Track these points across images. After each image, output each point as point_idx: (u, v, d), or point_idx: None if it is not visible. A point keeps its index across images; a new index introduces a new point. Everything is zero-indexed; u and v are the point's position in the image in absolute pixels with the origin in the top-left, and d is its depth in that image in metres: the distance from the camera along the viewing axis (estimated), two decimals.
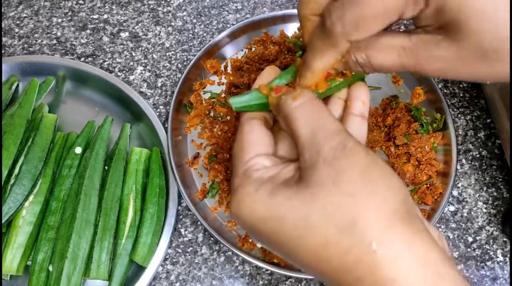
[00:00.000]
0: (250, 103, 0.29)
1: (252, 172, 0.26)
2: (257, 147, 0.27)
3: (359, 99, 0.29)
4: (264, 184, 0.25)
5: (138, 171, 0.43)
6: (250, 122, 0.28)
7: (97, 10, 0.55)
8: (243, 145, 0.27)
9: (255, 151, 0.27)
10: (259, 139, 0.27)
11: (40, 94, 0.47)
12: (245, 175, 0.26)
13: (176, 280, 0.41)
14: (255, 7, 0.55)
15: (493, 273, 0.42)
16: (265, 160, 0.27)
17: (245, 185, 0.25)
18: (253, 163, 0.26)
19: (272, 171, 0.26)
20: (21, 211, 0.40)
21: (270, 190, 0.24)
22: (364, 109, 0.29)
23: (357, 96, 0.29)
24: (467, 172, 0.47)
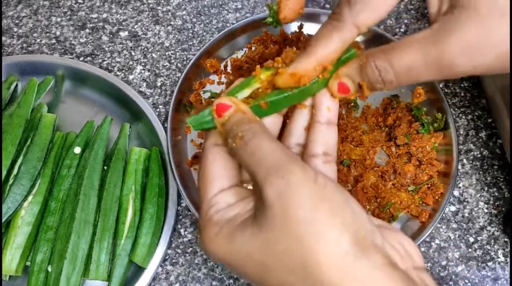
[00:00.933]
0: (205, 120, 0.27)
1: (213, 213, 0.25)
2: (221, 180, 0.26)
3: (323, 106, 0.28)
4: (223, 227, 0.24)
5: (138, 171, 0.43)
6: (213, 150, 0.26)
7: (96, 9, 0.55)
8: (207, 179, 0.26)
9: (218, 186, 0.26)
10: (223, 170, 0.26)
11: (39, 94, 0.47)
12: (207, 217, 0.26)
13: (176, 281, 0.41)
14: (255, 6, 0.55)
15: (494, 274, 0.42)
16: (229, 196, 0.26)
17: (207, 227, 0.25)
18: (215, 202, 0.26)
19: (233, 210, 0.25)
20: (20, 211, 0.40)
21: (228, 235, 0.24)
22: (330, 115, 0.28)
23: (321, 103, 0.28)
24: (468, 172, 0.47)
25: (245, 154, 0.24)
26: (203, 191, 0.26)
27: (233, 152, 0.25)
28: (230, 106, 0.26)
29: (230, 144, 0.25)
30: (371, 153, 0.44)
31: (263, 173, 0.23)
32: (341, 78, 0.27)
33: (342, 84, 0.27)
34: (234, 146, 0.24)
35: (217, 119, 0.26)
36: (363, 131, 0.45)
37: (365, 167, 0.43)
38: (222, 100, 0.26)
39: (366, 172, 0.43)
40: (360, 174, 0.43)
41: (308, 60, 0.26)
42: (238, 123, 0.25)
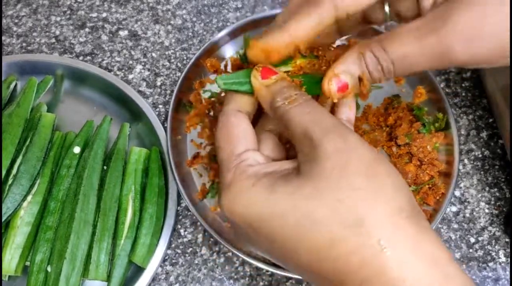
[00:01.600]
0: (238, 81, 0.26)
1: (246, 166, 0.24)
2: (246, 141, 0.25)
3: (346, 105, 0.29)
4: (262, 179, 0.23)
5: (137, 171, 0.43)
6: (237, 115, 0.26)
7: (96, 9, 0.54)
8: (232, 138, 0.25)
9: (245, 145, 0.25)
10: (248, 134, 0.26)
11: (39, 93, 0.47)
12: (238, 169, 0.24)
13: (176, 281, 0.41)
14: (256, 5, 0.55)
15: (495, 274, 0.42)
16: (257, 155, 0.25)
17: (240, 179, 0.23)
18: (245, 157, 0.24)
19: (269, 166, 0.24)
20: (19, 211, 0.40)
21: (269, 185, 0.22)
22: (350, 114, 0.29)
23: (344, 102, 0.29)
24: (469, 172, 0.47)
25: (301, 113, 0.24)
26: (228, 148, 0.25)
27: (281, 111, 0.24)
28: (275, 72, 0.26)
29: (279, 103, 0.24)
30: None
31: (320, 130, 0.23)
32: (338, 76, 0.26)
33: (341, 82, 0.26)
34: (285, 105, 0.24)
35: (259, 81, 0.26)
36: (364, 131, 0.45)
37: None
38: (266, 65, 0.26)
39: None
40: None
41: (281, 35, 0.25)
42: (289, 88, 0.25)
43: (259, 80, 0.26)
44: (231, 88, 0.27)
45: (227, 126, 0.26)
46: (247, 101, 0.27)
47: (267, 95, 0.25)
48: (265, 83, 0.26)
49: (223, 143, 0.26)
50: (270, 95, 0.25)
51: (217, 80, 0.27)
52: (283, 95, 0.25)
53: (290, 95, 0.25)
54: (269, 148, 0.27)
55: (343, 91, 0.26)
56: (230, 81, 0.27)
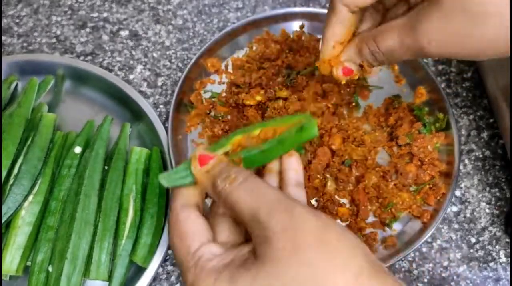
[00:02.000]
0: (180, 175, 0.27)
1: (204, 262, 0.24)
2: (199, 236, 0.26)
3: (291, 169, 0.29)
4: (222, 272, 0.23)
5: (138, 171, 0.43)
6: (185, 210, 0.27)
7: (97, 9, 0.54)
8: (184, 236, 0.26)
9: (198, 241, 0.25)
10: (199, 228, 0.26)
11: (39, 93, 0.47)
12: (197, 268, 0.24)
13: (177, 281, 0.41)
14: (256, 5, 0.55)
15: (496, 274, 0.42)
16: (213, 248, 0.25)
17: (201, 278, 0.24)
18: (201, 254, 0.25)
19: (226, 258, 0.24)
20: (21, 211, 0.40)
21: (229, 277, 0.23)
22: (298, 177, 0.30)
23: (288, 167, 0.30)
24: (470, 172, 0.47)
25: (244, 193, 0.24)
26: (184, 246, 0.25)
27: (224, 194, 0.25)
28: (212, 157, 0.27)
29: (220, 186, 0.25)
30: (373, 153, 0.44)
31: (265, 210, 0.23)
32: (343, 64, 0.33)
33: (345, 68, 0.33)
34: (227, 187, 0.25)
35: (199, 169, 0.26)
36: (365, 132, 0.45)
37: (366, 167, 0.43)
38: (202, 152, 0.27)
39: (367, 172, 0.43)
40: (362, 174, 0.43)
41: (325, 46, 0.33)
42: (227, 168, 0.26)
43: (198, 169, 0.26)
44: (175, 184, 0.27)
45: (177, 224, 0.26)
46: (193, 193, 0.28)
47: (208, 180, 0.26)
48: (204, 170, 0.26)
49: (177, 242, 0.26)
50: (211, 180, 0.26)
51: (160, 180, 0.27)
52: (222, 176, 0.25)
53: (229, 176, 0.25)
54: (224, 233, 0.27)
55: (349, 74, 0.33)
56: (172, 178, 0.27)
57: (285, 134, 0.28)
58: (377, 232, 0.42)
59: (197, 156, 0.27)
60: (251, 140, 0.29)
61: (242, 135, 0.29)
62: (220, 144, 0.29)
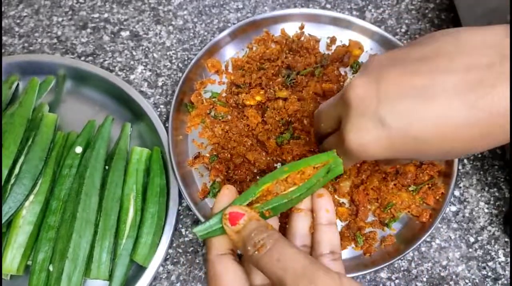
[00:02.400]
0: (213, 229, 0.29)
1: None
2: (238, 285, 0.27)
3: (322, 209, 0.31)
4: None
5: (139, 171, 0.43)
6: (222, 260, 0.28)
7: (98, 9, 0.55)
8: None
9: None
10: (236, 279, 0.28)
11: (40, 93, 0.47)
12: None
13: (177, 280, 0.41)
14: (256, 6, 0.55)
15: (495, 274, 0.42)
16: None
17: None
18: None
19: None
20: (21, 211, 0.40)
21: None
22: (330, 216, 0.31)
23: (320, 207, 0.32)
24: (469, 172, 0.47)
25: (271, 261, 0.25)
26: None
27: (254, 259, 0.26)
28: (243, 214, 0.28)
29: (251, 252, 0.26)
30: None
31: (291, 279, 0.24)
32: None
33: None
34: (256, 254, 0.26)
35: (230, 228, 0.28)
36: None
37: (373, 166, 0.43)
38: (233, 209, 0.28)
39: (371, 175, 0.43)
40: (367, 176, 0.43)
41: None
42: (256, 231, 0.27)
43: (230, 227, 0.28)
44: (208, 236, 0.29)
45: (215, 276, 0.28)
46: (225, 240, 0.29)
47: (239, 242, 0.28)
48: (235, 230, 0.28)
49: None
50: (242, 242, 0.27)
51: (195, 232, 0.29)
52: (252, 242, 0.27)
53: (258, 241, 0.26)
54: (259, 278, 0.29)
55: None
56: (206, 231, 0.29)
57: (313, 180, 0.30)
58: (376, 231, 0.42)
59: (228, 214, 0.28)
60: (279, 186, 0.30)
61: (270, 182, 0.30)
62: (250, 192, 0.30)
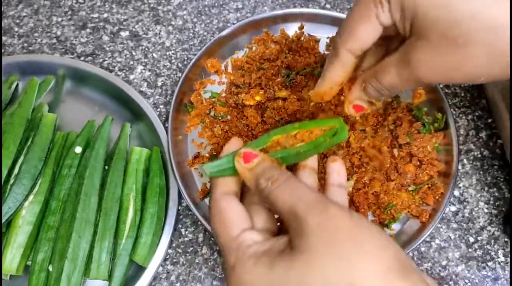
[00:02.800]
0: (223, 168, 0.30)
1: (245, 248, 0.26)
2: (240, 222, 0.28)
3: (334, 172, 0.33)
4: (261, 258, 0.25)
5: (138, 171, 0.43)
6: (226, 198, 0.29)
7: (97, 9, 0.55)
8: (226, 222, 0.28)
9: (240, 227, 0.27)
10: (240, 215, 0.28)
11: (40, 93, 0.47)
12: (239, 252, 0.26)
13: (177, 281, 0.41)
14: (256, 6, 0.55)
15: (494, 274, 0.42)
16: (254, 235, 0.27)
17: (243, 261, 0.26)
18: (243, 239, 0.27)
19: (264, 245, 0.26)
20: (21, 211, 0.40)
21: (268, 263, 0.25)
22: (341, 179, 0.33)
23: (333, 170, 0.33)
24: (469, 172, 0.47)
25: (284, 192, 0.26)
26: (226, 232, 0.27)
27: (266, 192, 0.27)
28: (256, 155, 0.29)
29: (263, 185, 0.27)
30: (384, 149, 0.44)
31: (303, 207, 0.25)
32: (353, 102, 0.34)
33: (356, 106, 0.34)
34: (269, 186, 0.27)
35: (243, 166, 0.29)
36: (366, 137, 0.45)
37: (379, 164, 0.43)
38: (246, 149, 0.29)
39: (373, 180, 0.43)
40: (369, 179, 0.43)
41: (323, 83, 0.34)
42: (270, 168, 0.28)
43: (242, 165, 0.29)
44: (217, 174, 0.30)
45: (219, 212, 0.28)
46: (231, 181, 0.30)
47: (251, 177, 0.28)
48: (248, 167, 0.29)
49: (220, 229, 0.28)
50: (254, 177, 0.28)
51: (205, 168, 0.30)
52: (266, 176, 0.27)
53: (272, 176, 0.27)
54: (262, 221, 0.29)
55: (361, 111, 0.34)
56: (216, 169, 0.30)
57: (320, 139, 0.32)
58: None
59: (242, 153, 0.29)
60: (288, 140, 0.32)
61: (281, 135, 0.32)
62: (260, 141, 0.31)
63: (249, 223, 0.28)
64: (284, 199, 0.26)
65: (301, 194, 0.26)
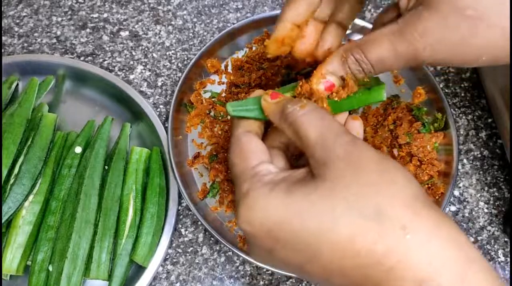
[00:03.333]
0: (247, 108, 0.28)
1: (261, 176, 0.25)
2: (259, 155, 0.26)
3: (354, 131, 0.30)
4: (279, 184, 0.24)
5: (138, 171, 0.43)
6: (247, 135, 0.28)
7: (97, 9, 0.55)
8: (245, 154, 0.26)
9: (258, 159, 0.26)
10: (260, 149, 0.27)
11: (40, 93, 0.47)
12: (255, 178, 0.25)
13: (177, 280, 0.41)
14: (256, 6, 0.55)
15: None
16: (271, 166, 0.26)
17: (257, 187, 0.24)
18: (260, 169, 0.25)
19: (283, 174, 0.25)
20: (21, 211, 0.40)
21: (286, 188, 0.23)
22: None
23: (352, 128, 0.30)
24: (469, 171, 0.47)
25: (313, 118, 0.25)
26: (243, 161, 0.26)
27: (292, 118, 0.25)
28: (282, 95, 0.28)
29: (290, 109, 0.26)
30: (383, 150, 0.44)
31: (332, 135, 0.24)
32: (324, 77, 0.29)
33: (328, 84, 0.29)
34: (297, 110, 0.25)
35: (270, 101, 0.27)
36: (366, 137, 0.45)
37: None
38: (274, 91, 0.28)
39: None
40: None
41: (283, 25, 0.30)
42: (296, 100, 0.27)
43: (269, 100, 0.28)
44: (240, 114, 0.28)
45: (239, 144, 0.27)
46: (254, 124, 0.29)
47: (277, 107, 0.27)
48: (275, 101, 0.27)
49: (237, 160, 0.27)
50: (281, 106, 0.27)
51: (227, 107, 0.28)
52: (294, 103, 0.26)
53: (300, 102, 0.26)
54: (280, 163, 0.28)
55: (330, 90, 0.29)
56: (239, 108, 0.28)
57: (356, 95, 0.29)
58: None
59: (269, 92, 0.28)
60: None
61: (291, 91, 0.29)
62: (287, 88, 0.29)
63: (269, 158, 0.27)
64: (312, 124, 0.25)
65: (330, 123, 0.25)
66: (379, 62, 0.27)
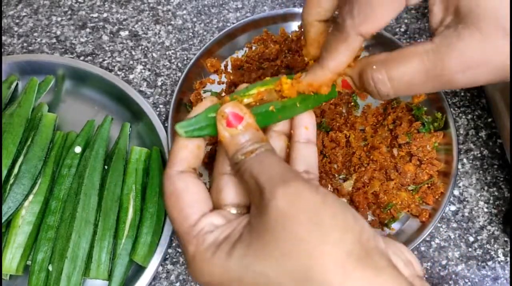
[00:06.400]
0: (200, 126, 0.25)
1: (204, 235, 0.24)
2: (199, 205, 0.25)
3: (301, 126, 0.29)
4: (220, 246, 0.23)
5: (138, 170, 0.43)
6: (182, 178, 0.25)
7: (97, 9, 0.55)
8: (183, 208, 0.25)
9: (199, 211, 0.25)
10: (198, 197, 0.25)
11: (40, 93, 0.47)
12: (198, 241, 0.24)
13: (176, 280, 0.41)
14: (256, 5, 0.55)
15: (494, 273, 0.42)
16: (214, 218, 0.25)
17: (201, 252, 0.24)
18: (202, 225, 0.24)
19: (226, 229, 0.24)
20: (21, 211, 0.40)
21: (227, 251, 0.23)
22: (308, 134, 0.29)
23: (299, 123, 0.29)
24: (468, 171, 0.47)
25: (254, 164, 0.24)
26: (182, 220, 0.25)
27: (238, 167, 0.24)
28: (242, 118, 0.25)
29: (238, 159, 0.24)
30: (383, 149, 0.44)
31: (267, 180, 0.23)
32: (344, 76, 0.28)
33: (345, 81, 0.28)
34: (242, 160, 0.24)
35: (226, 129, 0.25)
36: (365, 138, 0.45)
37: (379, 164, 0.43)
38: (233, 108, 0.25)
39: (372, 179, 0.43)
40: (369, 179, 0.43)
41: (323, 73, 0.28)
42: (252, 141, 0.25)
43: (224, 127, 0.25)
44: (193, 135, 0.25)
45: (175, 194, 0.25)
46: (190, 154, 0.26)
47: (231, 147, 0.25)
48: (231, 133, 0.25)
49: (176, 214, 0.25)
50: (234, 148, 0.25)
51: (177, 128, 0.25)
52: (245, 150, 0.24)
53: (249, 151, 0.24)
54: (232, 194, 0.26)
55: (347, 88, 0.29)
56: (191, 128, 0.25)
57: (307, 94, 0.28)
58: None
59: (226, 115, 0.25)
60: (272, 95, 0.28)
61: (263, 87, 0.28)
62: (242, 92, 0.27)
63: (210, 205, 0.26)
64: (251, 170, 0.23)
65: (269, 167, 0.23)
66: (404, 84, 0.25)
